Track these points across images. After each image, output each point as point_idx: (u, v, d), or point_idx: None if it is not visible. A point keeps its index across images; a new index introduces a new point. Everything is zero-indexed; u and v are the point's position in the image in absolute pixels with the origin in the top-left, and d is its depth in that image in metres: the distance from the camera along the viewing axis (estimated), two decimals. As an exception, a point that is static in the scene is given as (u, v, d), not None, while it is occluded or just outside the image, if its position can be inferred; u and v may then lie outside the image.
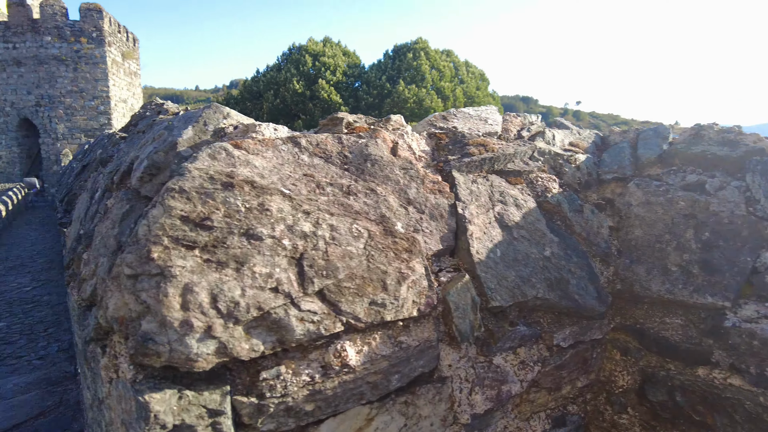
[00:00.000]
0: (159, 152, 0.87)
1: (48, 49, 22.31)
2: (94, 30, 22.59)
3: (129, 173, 1.04)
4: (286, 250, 0.74)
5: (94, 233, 1.06)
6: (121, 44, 24.98)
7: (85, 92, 22.94)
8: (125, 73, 25.45)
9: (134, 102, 27.36)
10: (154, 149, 0.93)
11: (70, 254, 1.22)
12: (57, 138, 23.15)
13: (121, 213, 0.89)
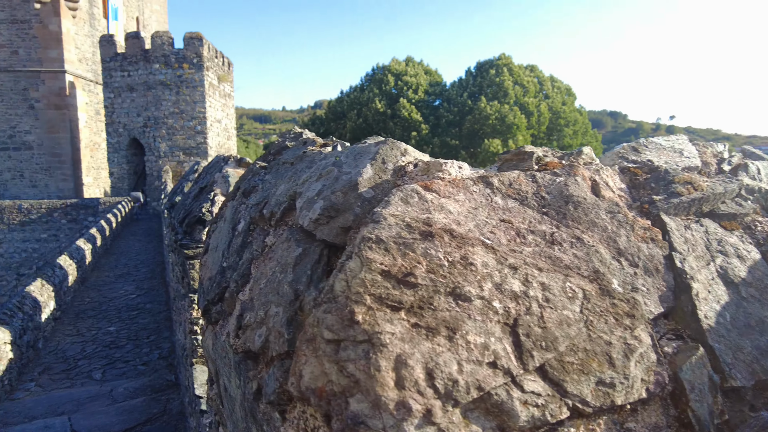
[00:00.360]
0: (337, 192, 0.80)
1: (156, 76, 24.52)
2: (194, 56, 24.53)
3: (290, 210, 0.98)
4: (497, 314, 0.62)
5: (251, 272, 1.01)
6: (218, 68, 26.90)
7: (185, 113, 24.88)
8: (220, 95, 27.33)
9: (228, 122, 29.27)
10: (326, 188, 0.85)
11: (215, 288, 1.19)
12: (159, 156, 25.23)
13: (293, 257, 0.81)
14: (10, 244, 25.53)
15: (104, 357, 7.62)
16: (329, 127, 43.76)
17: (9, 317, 7.22)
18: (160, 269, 13.48)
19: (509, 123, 37.53)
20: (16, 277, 25.96)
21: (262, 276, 0.91)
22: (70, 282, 10.62)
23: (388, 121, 39.20)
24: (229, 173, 2.52)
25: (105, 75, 25.47)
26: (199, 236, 2.40)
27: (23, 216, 25.34)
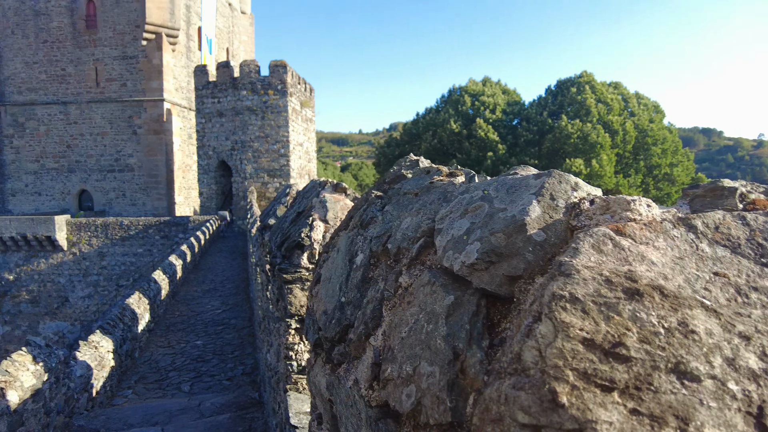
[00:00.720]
0: (497, 233, 0.69)
1: (243, 102, 26.11)
2: (279, 83, 25.86)
3: (426, 248, 0.89)
4: (736, 399, 0.51)
5: (382, 314, 0.92)
6: (300, 94, 28.15)
7: (269, 137, 26.19)
8: (302, 119, 28.52)
9: (309, 145, 30.43)
10: (477, 226, 0.75)
11: (334, 325, 1.12)
12: (245, 177, 26.66)
13: (443, 306, 0.71)
14: (112, 257, 27.94)
15: (192, 370, 7.96)
16: (404, 149, 44.21)
17: (112, 327, 7.78)
18: (244, 286, 14.06)
19: (592, 142, 35.90)
20: (116, 287, 28.29)
21: (401, 322, 0.81)
22: (163, 296, 11.33)
23: (464, 141, 38.94)
24: (326, 198, 2.50)
25: (198, 102, 27.51)
26: (297, 261, 2.39)
27: (124, 232, 27.69)
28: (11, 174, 33.89)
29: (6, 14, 32.80)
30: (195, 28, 37.12)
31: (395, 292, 0.90)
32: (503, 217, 0.72)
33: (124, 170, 33.29)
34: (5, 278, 28.37)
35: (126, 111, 32.95)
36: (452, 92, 46.54)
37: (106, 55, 32.75)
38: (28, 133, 33.44)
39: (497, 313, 0.68)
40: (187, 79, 35.72)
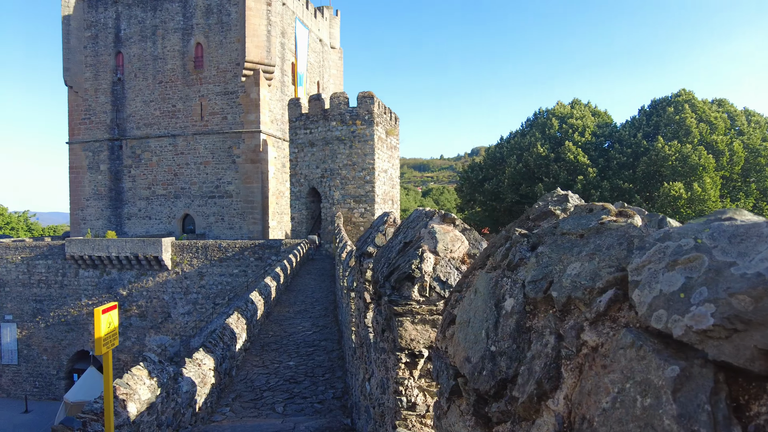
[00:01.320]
0: (739, 295, 0.57)
1: (333, 132, 27.21)
2: (366, 113, 26.68)
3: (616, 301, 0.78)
4: None
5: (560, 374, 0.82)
6: (386, 123, 28.81)
7: (356, 165, 26.97)
8: (387, 147, 29.10)
9: (393, 172, 30.92)
10: (699, 282, 0.64)
11: (486, 378, 1.03)
12: (333, 203, 27.56)
13: (667, 378, 0.61)
14: (210, 277, 29.89)
15: (285, 391, 8.14)
16: (487, 173, 43.49)
17: (213, 346, 8.22)
18: (333, 308, 14.34)
19: (693, 164, 33.02)
20: (213, 305, 30.14)
21: (597, 389, 0.71)
22: (259, 316, 11.84)
23: (552, 164, 37.51)
24: (435, 229, 2.44)
25: (291, 133, 29.10)
26: (407, 293, 2.34)
27: (221, 253, 29.57)
28: (128, 200, 37.81)
29: (131, 60, 37.20)
30: (289, 63, 39.63)
31: (577, 350, 0.80)
32: (741, 275, 0.60)
33: (224, 196, 35.86)
34: (120, 293, 31.29)
35: (226, 142, 35.69)
36: (538, 115, 45.26)
37: (210, 92, 35.88)
38: (143, 164, 37.26)
39: (743, 392, 0.57)
40: (281, 112, 38.05)
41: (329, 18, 48.65)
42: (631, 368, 0.67)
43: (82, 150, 38.46)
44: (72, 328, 31.67)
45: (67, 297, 31.71)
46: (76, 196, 38.82)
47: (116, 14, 37.50)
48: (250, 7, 34.07)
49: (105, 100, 37.87)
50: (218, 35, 35.54)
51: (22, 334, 32.15)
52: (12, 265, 32.06)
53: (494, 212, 41.60)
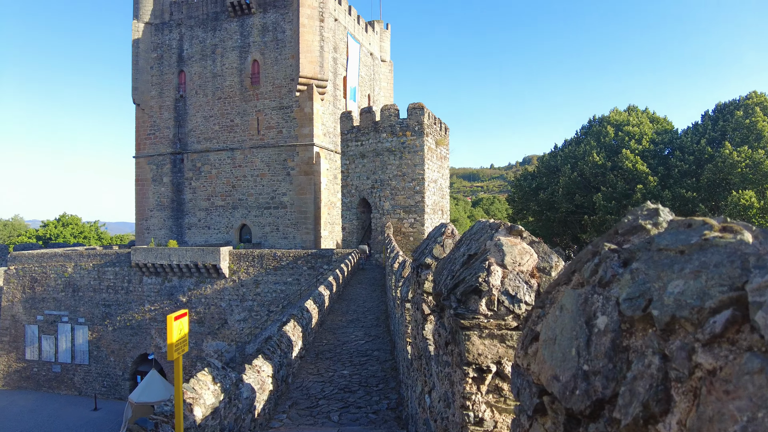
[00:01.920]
0: None
1: (383, 143, 27.48)
2: (416, 124, 26.77)
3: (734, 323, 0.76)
4: None
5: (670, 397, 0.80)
6: (436, 133, 28.78)
7: (406, 175, 27.06)
8: (437, 157, 29.04)
9: (443, 182, 30.78)
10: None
11: (581, 397, 1.01)
12: (383, 213, 27.73)
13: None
14: (265, 285, 30.72)
15: (340, 400, 8.22)
16: (541, 181, 42.43)
17: (271, 353, 8.44)
18: (384, 318, 14.39)
19: (765, 171, 30.85)
20: (267, 312, 30.93)
21: (720, 416, 0.69)
22: (313, 324, 12.05)
23: (608, 173, 36.14)
24: (502, 242, 2.41)
25: (343, 145, 29.63)
26: (474, 307, 2.32)
27: (276, 262, 30.36)
28: (188, 211, 39.66)
29: (192, 78, 39.25)
30: (341, 78, 40.50)
31: (690, 373, 0.78)
32: None
33: (278, 207, 36.93)
34: (180, 300, 32.72)
35: (281, 155, 36.82)
36: (593, 123, 43.85)
37: (266, 107, 37.20)
38: (202, 176, 39.04)
39: None
40: (333, 125, 38.88)
41: (380, 32, 49.39)
42: (761, 396, 0.65)
43: (147, 163, 40.83)
44: (136, 332, 33.38)
45: (132, 302, 33.50)
46: (141, 207, 41.16)
47: (179, 36, 39.75)
48: (304, 24, 35.17)
49: (168, 116, 40.10)
50: (274, 52, 36.88)
51: (93, 336, 34.21)
52: (84, 271, 34.30)
53: (548, 222, 40.47)
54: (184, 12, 39.68)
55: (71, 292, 34.44)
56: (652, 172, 35.24)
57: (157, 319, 32.84)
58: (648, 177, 34.40)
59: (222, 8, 38.36)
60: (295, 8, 35.57)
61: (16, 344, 35.46)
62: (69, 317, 34.49)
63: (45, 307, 34.91)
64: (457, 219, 71.03)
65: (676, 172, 34.73)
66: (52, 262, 35.01)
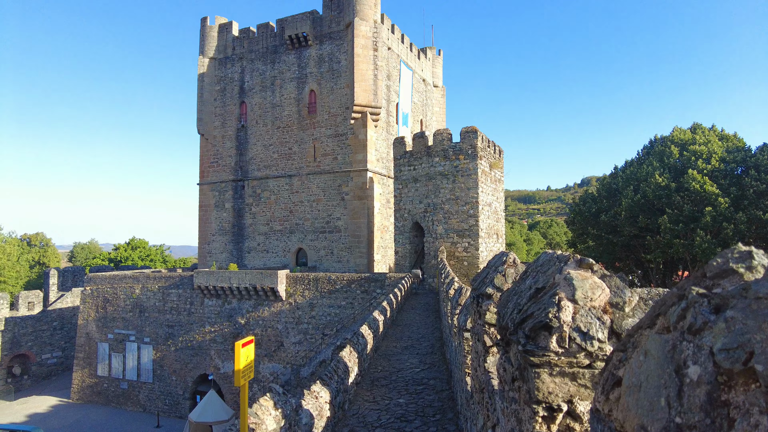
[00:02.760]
0: None
1: (436, 167, 27.53)
2: (469, 148, 26.67)
3: None
4: None
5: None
6: (489, 156, 28.52)
7: (459, 199, 26.88)
8: (491, 180, 28.69)
9: (497, 205, 30.30)
10: None
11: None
12: (436, 237, 27.58)
13: None
14: (320, 309, 31.12)
15: (396, 429, 8.12)
16: (602, 204, 40.81)
17: (329, 379, 8.50)
18: (439, 345, 14.17)
19: None
20: (321, 336, 31.22)
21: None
22: (368, 350, 12.05)
23: (673, 195, 34.25)
24: (572, 276, 2.36)
25: (395, 170, 29.93)
26: (544, 343, 2.27)
27: (330, 285, 30.76)
28: (248, 235, 41.15)
29: (253, 109, 41.25)
30: (393, 104, 41.22)
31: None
32: None
33: (333, 231, 37.62)
34: (239, 322, 33.70)
35: (336, 180, 37.68)
36: (654, 143, 41.99)
37: (322, 134, 38.36)
38: (262, 202, 40.52)
39: None
40: (386, 150, 39.46)
41: (432, 58, 50.03)
42: None
43: (210, 190, 42.93)
44: (197, 352, 34.61)
45: (194, 324, 34.85)
46: (203, 231, 43.15)
47: (241, 69, 42.04)
48: (359, 54, 36.25)
49: (230, 145, 42.17)
50: (329, 82, 38.18)
51: (157, 355, 35.79)
52: (151, 293, 36.17)
53: (610, 246, 38.73)
54: (246, 46, 42.01)
55: (138, 313, 36.36)
56: (723, 192, 33.12)
57: (217, 341, 33.93)
58: (719, 198, 32.33)
59: (281, 42, 40.31)
60: (350, 39, 36.79)
61: (90, 360, 37.69)
62: (136, 336, 36.34)
63: (115, 326, 37.01)
64: (513, 243, 69.35)
65: (751, 192, 32.46)
66: (122, 283, 37.21)
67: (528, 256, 76.37)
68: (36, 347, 42.36)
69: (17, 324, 41.03)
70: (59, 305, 46.20)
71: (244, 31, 42.44)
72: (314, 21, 39.01)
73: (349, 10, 37.20)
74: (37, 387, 41.38)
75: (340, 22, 38.08)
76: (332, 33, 38.41)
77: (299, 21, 38.91)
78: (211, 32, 43.08)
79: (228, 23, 43.17)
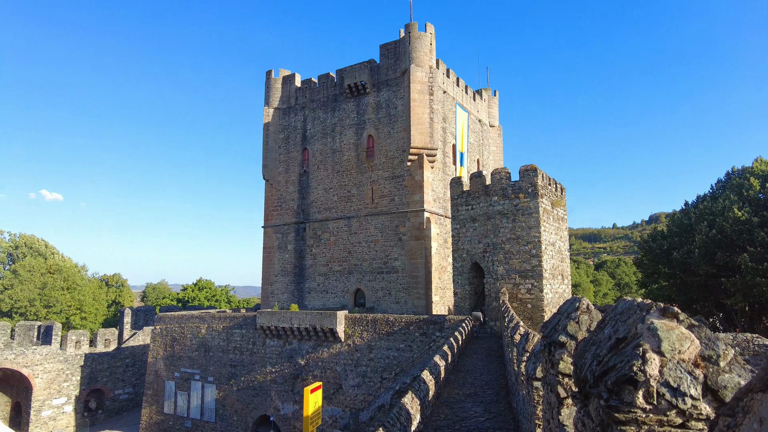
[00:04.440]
0: None
1: (495, 207, 27.17)
2: (529, 186, 26.20)
3: None
4: None
5: None
6: (551, 194, 27.84)
7: (520, 239, 26.23)
8: (554, 219, 27.89)
9: (561, 244, 29.28)
10: None
11: None
12: (497, 278, 26.89)
13: None
14: (378, 351, 30.80)
15: (463, 482, 7.76)
16: (673, 241, 38.40)
17: (391, 426, 8.33)
18: (504, 393, 13.55)
19: None
20: (380, 379, 30.72)
21: None
22: (430, 396, 11.73)
23: (755, 231, 31.67)
24: (656, 325, 2.25)
25: (453, 209, 29.82)
26: (629, 398, 2.16)
27: (389, 327, 30.48)
28: (309, 276, 41.97)
29: (315, 155, 42.96)
30: (450, 145, 41.58)
31: None
32: None
33: (391, 272, 37.65)
34: (298, 363, 33.93)
35: (393, 221, 38.02)
36: (732, 175, 39.39)
37: (380, 177, 39.14)
38: (322, 243, 41.45)
39: None
40: (443, 190, 39.55)
41: (487, 99, 50.38)
42: None
43: (274, 233, 44.52)
44: (258, 393, 35.01)
45: (255, 364, 35.43)
46: (267, 272, 44.49)
47: (303, 117, 44.18)
48: (415, 98, 37.19)
49: (293, 189, 43.87)
50: (386, 126, 39.24)
51: (219, 394, 36.52)
52: (215, 332, 37.35)
53: (684, 286, 36.10)
54: (308, 96, 44.25)
55: (203, 352, 37.53)
56: (815, 229, 30.36)
57: (277, 381, 34.24)
58: (810, 235, 29.61)
59: (340, 91, 42.16)
60: (406, 85, 37.89)
61: (157, 398, 39.05)
62: (200, 375, 37.38)
63: (181, 365, 38.33)
64: (579, 284, 66.18)
65: None
66: (189, 323, 38.74)
67: (596, 298, 72.42)
68: (110, 383, 44.54)
69: (95, 360, 43.52)
70: (132, 343, 48.64)
71: (306, 81, 44.81)
72: (372, 69, 40.63)
73: (405, 57, 38.50)
74: (109, 422, 43.24)
75: (397, 69, 39.41)
76: (389, 80, 39.75)
77: (357, 70, 40.66)
78: (275, 84, 45.82)
79: (291, 75, 45.81)
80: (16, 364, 38.76)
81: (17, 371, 39.00)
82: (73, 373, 42.09)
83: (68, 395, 41.68)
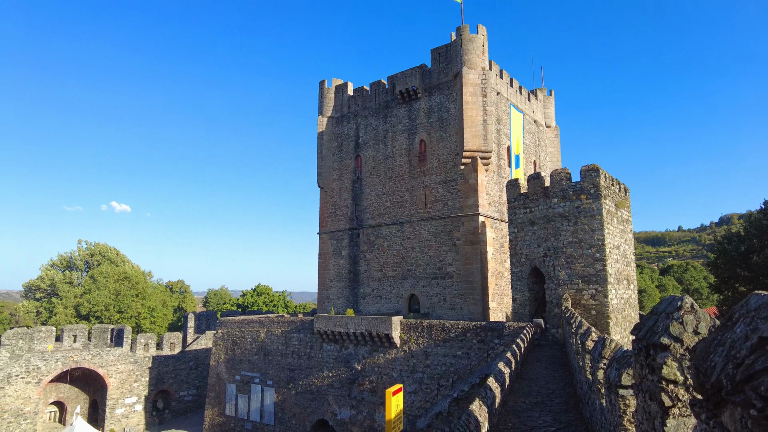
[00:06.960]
0: None
1: (555, 209, 26.25)
2: (591, 187, 25.13)
3: None
4: None
5: None
6: (614, 195, 26.58)
7: (583, 242, 25.17)
8: (618, 221, 26.60)
9: (626, 248, 27.86)
10: None
11: None
12: (558, 284, 25.91)
13: None
14: (435, 357, 30.42)
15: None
16: (751, 243, 35.67)
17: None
18: (574, 402, 12.95)
19: None
20: (437, 386, 30.29)
21: None
22: (496, 404, 11.36)
23: None
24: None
25: (510, 213, 29.08)
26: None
27: (445, 334, 30.06)
28: (363, 281, 42.22)
29: (367, 161, 43.33)
30: (504, 147, 40.72)
31: None
32: None
33: (445, 277, 37.20)
34: (355, 368, 34.07)
35: (447, 226, 37.60)
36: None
37: (432, 181, 38.88)
38: (376, 249, 41.62)
39: None
40: (498, 194, 38.73)
41: (543, 99, 49.04)
42: None
43: (328, 239, 45.20)
44: (315, 397, 35.44)
45: (313, 368, 35.92)
46: (323, 277, 45.18)
47: (356, 125, 44.71)
48: (467, 101, 36.73)
49: (347, 196, 44.41)
50: (439, 131, 38.99)
51: (278, 398, 37.27)
52: (274, 336, 38.22)
53: None
54: (360, 104, 44.76)
55: (263, 356, 38.48)
56: None
57: (334, 386, 34.52)
58: None
59: (392, 97, 42.36)
60: (459, 88, 37.52)
61: (219, 400, 40.40)
62: (260, 379, 38.33)
63: (242, 369, 39.47)
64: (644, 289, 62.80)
65: None
66: (249, 327, 39.87)
67: (662, 305, 68.39)
68: (175, 384, 46.61)
69: (162, 362, 45.70)
70: (195, 347, 50.71)
71: (358, 90, 45.37)
72: (423, 74, 40.56)
73: (456, 60, 38.17)
74: (175, 421, 45.20)
75: (449, 72, 39.13)
76: (441, 84, 39.52)
77: (409, 76, 40.71)
78: (328, 93, 46.70)
79: (343, 84, 46.54)
80: (93, 364, 41.38)
81: (94, 371, 41.61)
82: (142, 374, 44.40)
83: (138, 395, 43.98)
